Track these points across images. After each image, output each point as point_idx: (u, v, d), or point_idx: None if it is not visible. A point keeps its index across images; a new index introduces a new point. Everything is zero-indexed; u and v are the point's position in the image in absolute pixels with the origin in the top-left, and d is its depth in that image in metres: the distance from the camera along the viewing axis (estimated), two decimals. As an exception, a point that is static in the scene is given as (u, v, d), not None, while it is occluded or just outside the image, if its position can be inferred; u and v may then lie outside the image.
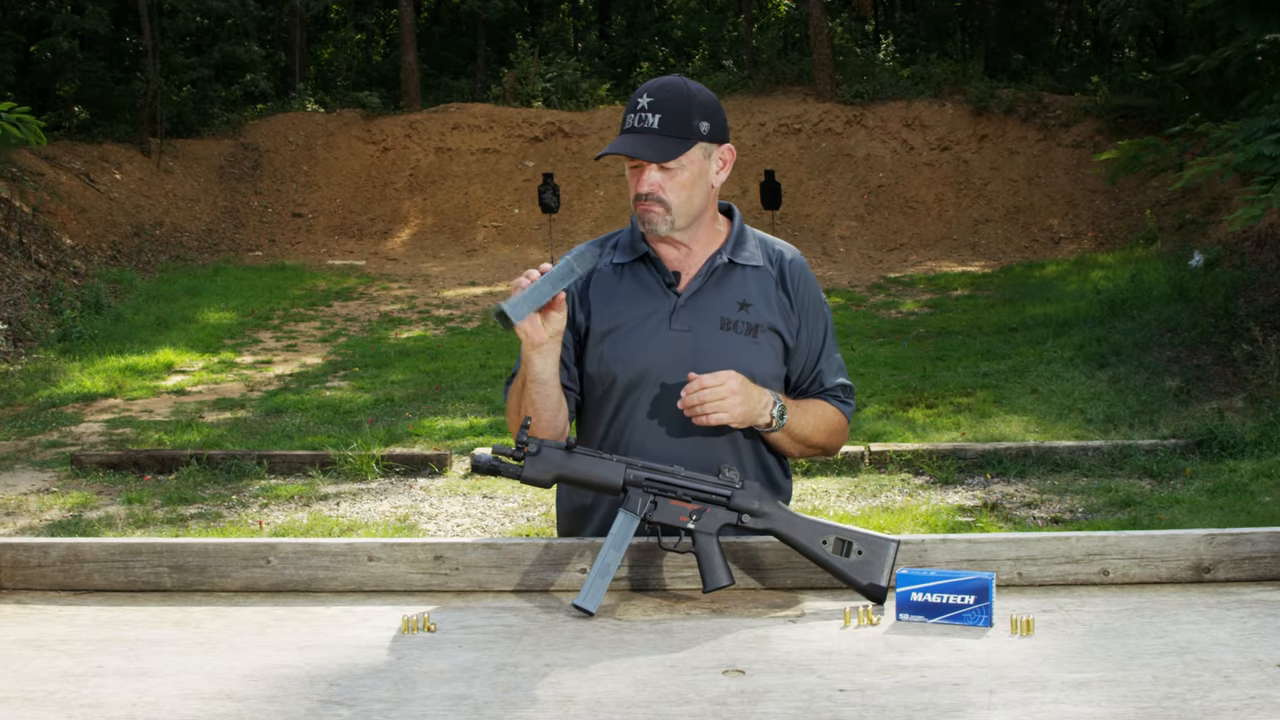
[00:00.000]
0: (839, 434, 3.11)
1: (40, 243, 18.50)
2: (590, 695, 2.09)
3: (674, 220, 2.94)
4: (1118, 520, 8.29)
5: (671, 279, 3.00)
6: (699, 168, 2.94)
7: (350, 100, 28.99)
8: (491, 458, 2.65)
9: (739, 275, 3.02)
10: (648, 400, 2.96)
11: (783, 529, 2.63)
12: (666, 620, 2.51)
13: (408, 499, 9.49)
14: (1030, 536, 2.70)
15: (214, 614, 2.61)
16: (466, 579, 2.73)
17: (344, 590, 2.74)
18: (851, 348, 14.77)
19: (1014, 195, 23.81)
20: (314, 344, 16.06)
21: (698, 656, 2.28)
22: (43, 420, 12.13)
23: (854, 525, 2.76)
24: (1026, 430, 10.73)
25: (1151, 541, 2.68)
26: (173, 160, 24.72)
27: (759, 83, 28.28)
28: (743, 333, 2.96)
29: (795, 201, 24.41)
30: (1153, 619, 2.44)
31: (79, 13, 25.61)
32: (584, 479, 2.67)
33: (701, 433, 2.92)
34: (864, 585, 2.59)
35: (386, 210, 25.62)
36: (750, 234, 3.10)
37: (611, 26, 37.30)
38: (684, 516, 2.64)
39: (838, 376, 3.10)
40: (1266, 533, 2.68)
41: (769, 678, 2.16)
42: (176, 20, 27.25)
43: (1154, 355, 12.95)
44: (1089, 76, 28.70)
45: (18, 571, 2.78)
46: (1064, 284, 17.99)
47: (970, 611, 2.42)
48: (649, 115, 2.89)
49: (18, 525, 8.84)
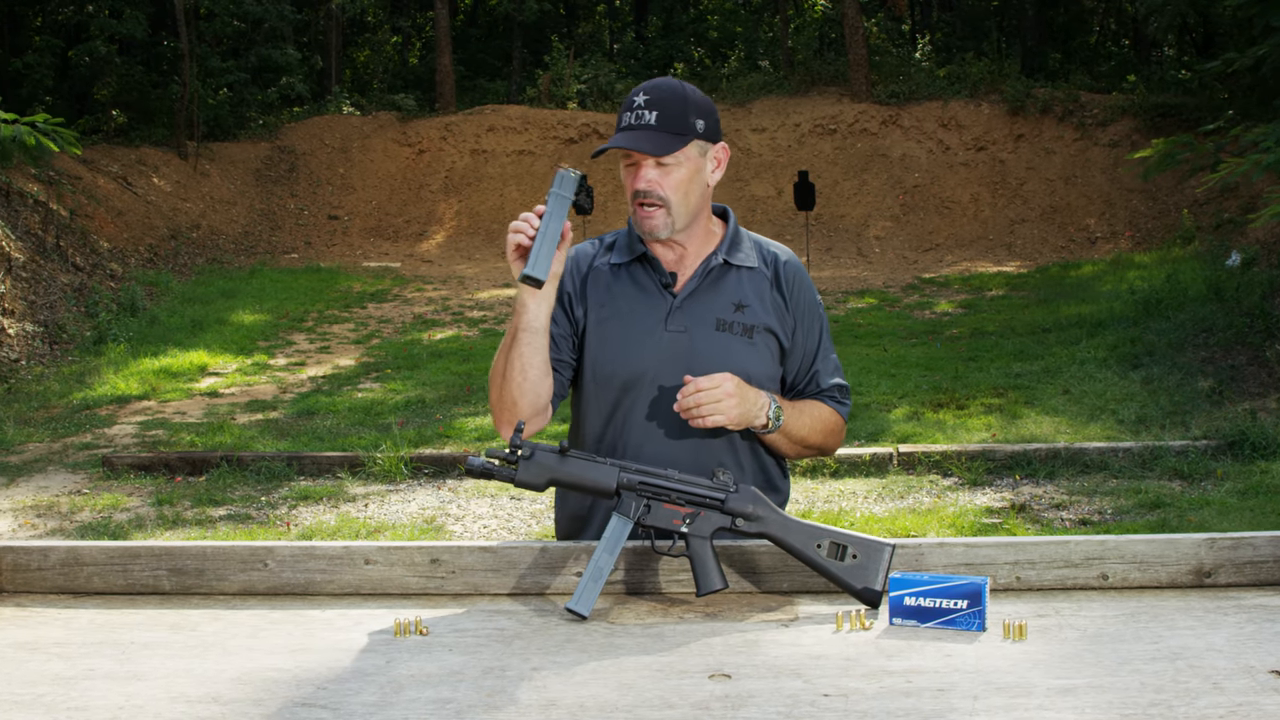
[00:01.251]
0: (835, 434, 3.11)
1: (77, 246, 18.64)
2: (574, 699, 2.09)
3: (674, 222, 2.94)
4: (1146, 522, 8.23)
5: (668, 280, 3.00)
6: (695, 165, 2.94)
7: (386, 103, 29.10)
8: (484, 461, 2.64)
9: (734, 276, 3.02)
10: (645, 401, 2.96)
11: (777, 533, 2.62)
12: (659, 624, 2.51)
13: (436, 500, 9.51)
14: (1028, 540, 2.68)
15: (210, 617, 2.62)
16: (463, 582, 2.73)
17: (341, 593, 2.74)
18: (884, 348, 14.73)
19: (1050, 195, 23.69)
20: (347, 346, 16.12)
21: (686, 660, 2.27)
22: (76, 422, 12.22)
23: (848, 529, 2.75)
24: (1058, 431, 10.67)
25: (1151, 545, 2.66)
26: (209, 163, 24.87)
27: (794, 83, 28.23)
28: (738, 334, 2.97)
29: (830, 202, 24.35)
30: (1148, 624, 2.41)
31: (116, 17, 25.79)
32: (577, 482, 2.67)
33: (699, 434, 2.92)
34: (858, 589, 2.57)
35: (422, 212, 25.70)
36: (745, 235, 3.10)
37: (647, 28, 37.30)
38: (677, 520, 2.63)
39: (834, 377, 3.10)
40: (1268, 536, 2.65)
41: (754, 682, 2.15)
42: (213, 24, 27.40)
43: (1188, 356, 12.85)
44: (1127, 75, 28.53)
45: (18, 574, 2.80)
46: (1100, 284, 17.89)
47: (963, 616, 2.41)
48: (645, 112, 2.89)
49: (48, 527, 8.91)
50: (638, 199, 2.93)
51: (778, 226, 24.18)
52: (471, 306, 18.67)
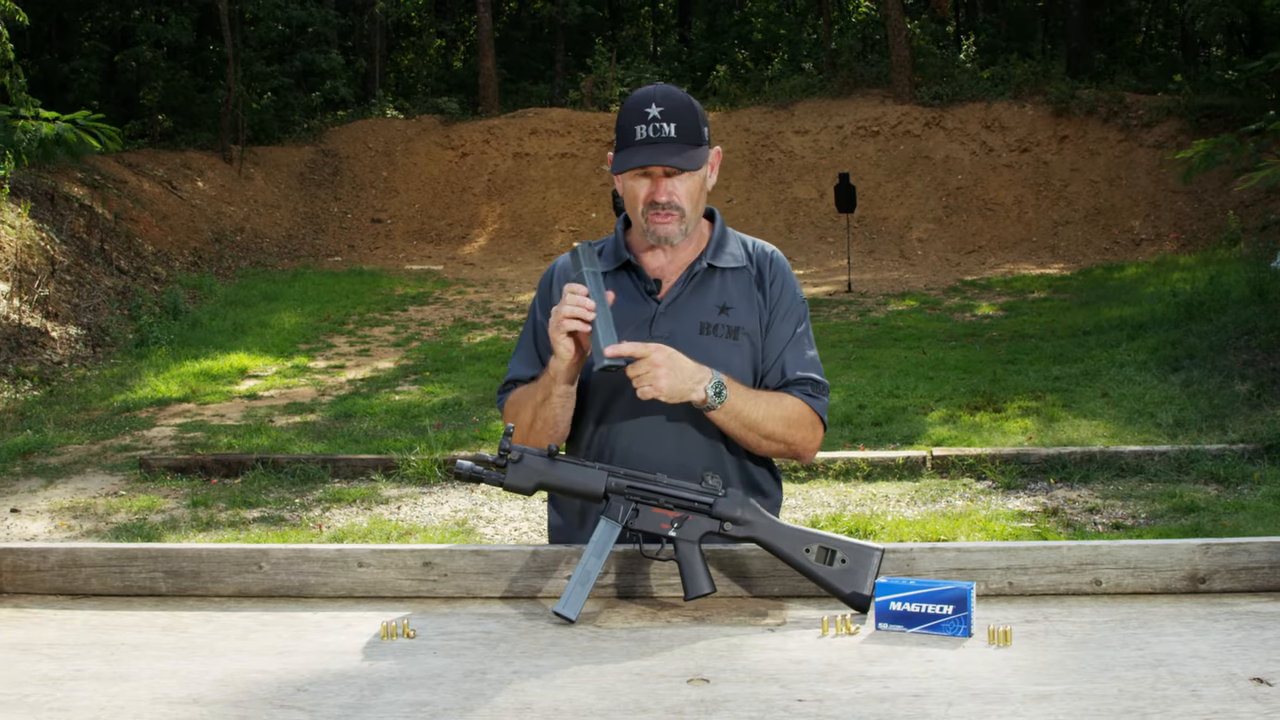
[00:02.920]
0: (802, 427, 2.99)
1: (122, 249, 18.81)
2: (549, 703, 2.09)
3: (686, 227, 2.97)
4: (1181, 526, 8.16)
5: (652, 286, 3.01)
6: (704, 172, 2.97)
7: (429, 106, 29.25)
8: (473, 465, 2.65)
9: (719, 279, 3.03)
10: (630, 406, 2.95)
11: (765, 537, 2.62)
12: (645, 628, 2.51)
13: (468, 503, 9.53)
14: (1020, 545, 2.66)
15: (203, 619, 2.64)
16: (455, 585, 2.74)
17: (334, 596, 2.76)
18: (922, 351, 14.66)
19: (1094, 197, 23.54)
20: (387, 348, 16.19)
21: (667, 664, 2.27)
22: (116, 424, 12.32)
23: (839, 535, 2.73)
24: (1095, 435, 10.59)
25: (1145, 551, 2.64)
26: (254, 167, 25.05)
27: (837, 85, 28.17)
28: (723, 336, 2.96)
29: (873, 204, 24.28)
30: (1137, 630, 2.39)
31: (163, 23, 26.02)
32: (566, 486, 2.67)
33: (684, 437, 2.91)
34: (847, 594, 2.56)
35: (464, 215, 25.80)
36: (731, 236, 3.10)
37: (691, 30, 37.30)
38: (665, 524, 2.63)
39: (804, 369, 3.02)
40: (1264, 542, 2.62)
41: (732, 687, 2.14)
42: (258, 29, 27.63)
43: (1229, 359, 12.72)
44: (1173, 76, 28.31)
45: (18, 576, 2.83)
46: (1143, 286, 17.75)
47: (949, 621, 2.40)
48: (664, 124, 2.89)
49: (84, 528, 8.99)
50: (654, 210, 2.93)
51: (820, 229, 24.13)
52: (512, 309, 18.71)
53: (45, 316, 15.28)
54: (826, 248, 23.53)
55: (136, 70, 26.52)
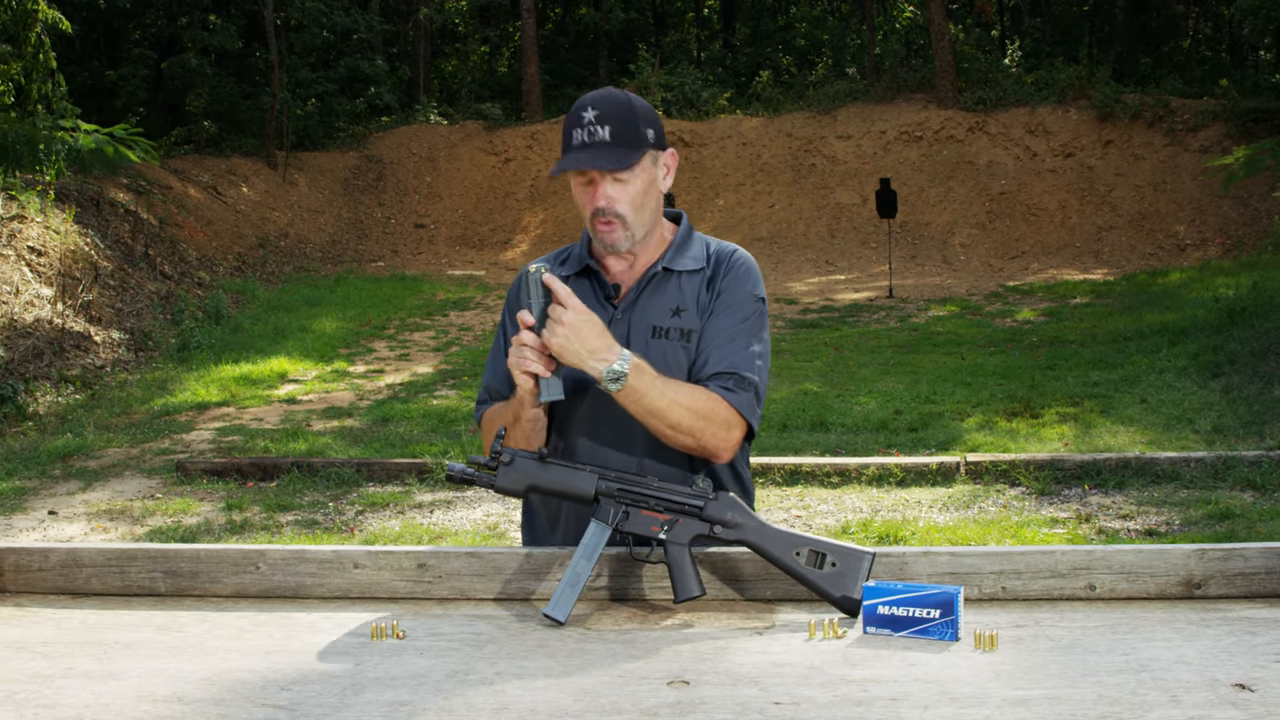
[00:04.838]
0: (714, 422, 2.82)
1: (166, 254, 18.97)
2: (527, 704, 2.10)
3: (633, 234, 2.92)
4: (1214, 533, 8.09)
5: (611, 291, 2.98)
6: (650, 176, 2.92)
7: (473, 112, 29.35)
8: (464, 467, 2.66)
9: (674, 282, 2.97)
10: (588, 410, 2.92)
11: (755, 540, 2.61)
12: (634, 631, 2.51)
13: (501, 507, 9.55)
14: (1014, 550, 2.65)
15: (199, 619, 2.66)
16: (449, 587, 2.75)
17: (330, 597, 2.78)
18: (961, 357, 14.60)
19: (1139, 202, 23.38)
20: (426, 353, 16.26)
21: (650, 667, 2.27)
22: (156, 428, 12.43)
23: (831, 539, 2.73)
24: (1132, 441, 10.51)
25: (1140, 556, 2.62)
26: (298, 173, 25.22)
27: (880, 90, 28.11)
28: (675, 339, 2.91)
29: (915, 209, 24.21)
30: (1126, 636, 2.38)
31: (209, 30, 26.25)
32: (557, 489, 2.68)
33: (646, 439, 2.86)
34: (837, 598, 2.56)
35: (507, 220, 25.88)
36: (696, 240, 3.05)
37: (735, 36, 37.28)
38: (655, 527, 2.63)
39: (733, 365, 2.88)
40: (1260, 548, 2.60)
41: (711, 689, 2.14)
42: (303, 35, 27.82)
43: (1270, 364, 12.61)
44: (1219, 80, 28.08)
45: (20, 575, 2.86)
46: (1186, 292, 17.61)
47: (936, 625, 2.39)
48: (598, 128, 2.84)
49: (119, 531, 9.07)
50: (597, 216, 2.90)
51: (863, 235, 24.08)
52: (551, 314, 18.72)
53: (89, 321, 15.43)
54: (869, 253, 23.48)
55: (183, 77, 26.75)
